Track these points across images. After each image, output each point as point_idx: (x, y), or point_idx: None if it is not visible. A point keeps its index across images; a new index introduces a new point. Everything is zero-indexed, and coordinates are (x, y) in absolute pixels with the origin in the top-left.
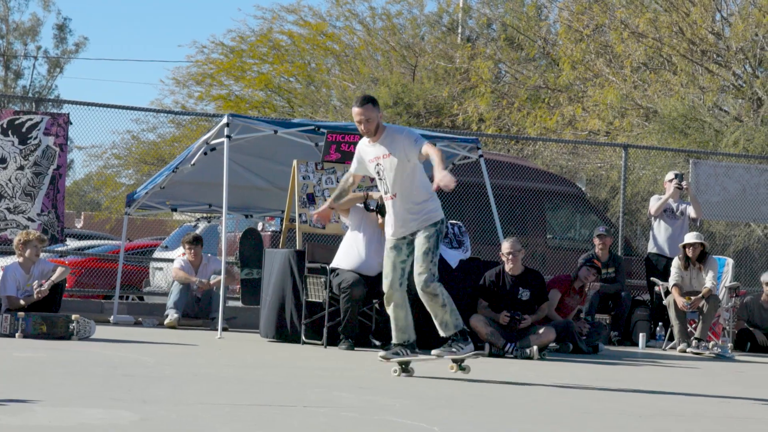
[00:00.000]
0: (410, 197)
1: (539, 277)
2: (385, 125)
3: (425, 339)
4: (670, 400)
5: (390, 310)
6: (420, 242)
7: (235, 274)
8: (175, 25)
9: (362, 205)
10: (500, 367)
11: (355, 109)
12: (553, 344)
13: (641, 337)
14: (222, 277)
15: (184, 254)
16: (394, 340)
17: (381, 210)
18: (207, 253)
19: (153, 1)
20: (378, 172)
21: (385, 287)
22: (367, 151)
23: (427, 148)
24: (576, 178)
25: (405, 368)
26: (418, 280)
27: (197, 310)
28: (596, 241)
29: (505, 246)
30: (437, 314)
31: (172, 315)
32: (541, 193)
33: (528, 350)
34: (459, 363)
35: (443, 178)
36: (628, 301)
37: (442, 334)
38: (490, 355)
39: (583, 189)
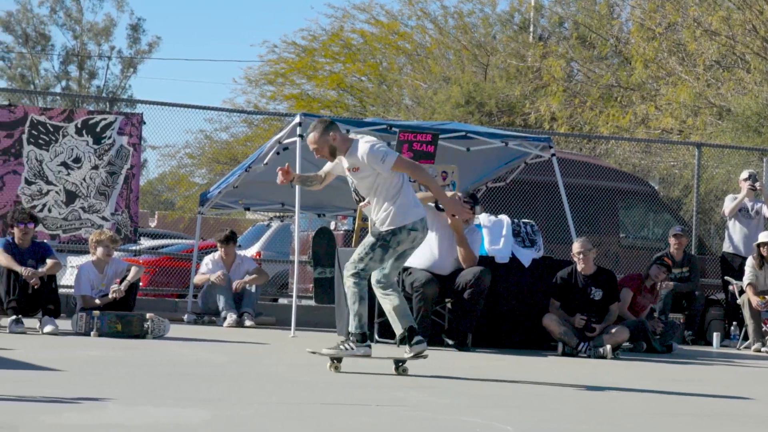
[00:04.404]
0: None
1: (612, 277)
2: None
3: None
4: (741, 401)
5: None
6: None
7: (266, 274)
8: (248, 24)
9: (433, 205)
10: (573, 366)
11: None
12: (627, 343)
13: (715, 337)
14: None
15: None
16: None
17: None
18: (240, 253)
19: (225, 1)
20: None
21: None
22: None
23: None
24: (649, 176)
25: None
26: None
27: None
28: (672, 240)
29: (576, 246)
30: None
31: (230, 317)
32: (614, 192)
33: (601, 349)
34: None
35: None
36: (702, 300)
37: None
38: (563, 354)
39: (656, 188)
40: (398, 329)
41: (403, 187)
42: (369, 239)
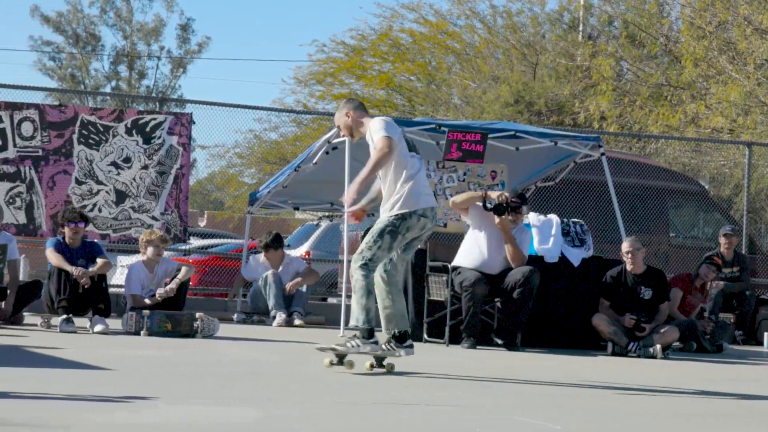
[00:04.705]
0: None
1: (661, 276)
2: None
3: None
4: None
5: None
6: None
7: (316, 274)
8: (297, 24)
9: (480, 204)
10: (617, 366)
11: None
12: (677, 343)
13: (766, 337)
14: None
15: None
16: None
17: (497, 209)
18: (288, 254)
19: (275, 1)
20: None
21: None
22: None
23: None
24: (699, 176)
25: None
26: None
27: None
28: (722, 240)
29: (625, 245)
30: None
31: (280, 317)
32: (664, 191)
33: (651, 349)
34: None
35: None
36: (752, 299)
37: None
38: (613, 354)
39: (706, 187)
40: (387, 328)
41: (417, 174)
42: (377, 227)
